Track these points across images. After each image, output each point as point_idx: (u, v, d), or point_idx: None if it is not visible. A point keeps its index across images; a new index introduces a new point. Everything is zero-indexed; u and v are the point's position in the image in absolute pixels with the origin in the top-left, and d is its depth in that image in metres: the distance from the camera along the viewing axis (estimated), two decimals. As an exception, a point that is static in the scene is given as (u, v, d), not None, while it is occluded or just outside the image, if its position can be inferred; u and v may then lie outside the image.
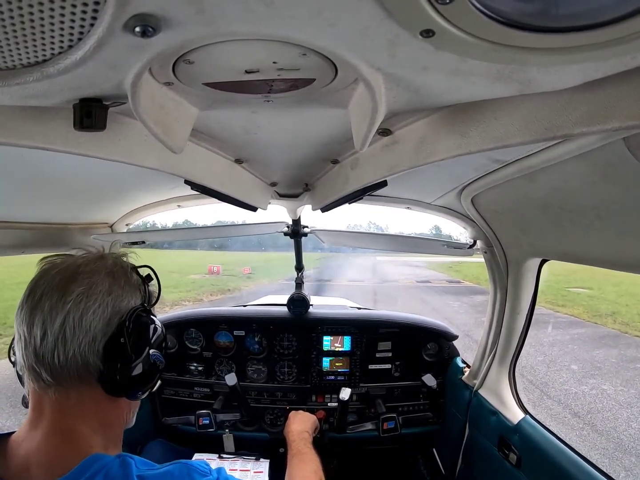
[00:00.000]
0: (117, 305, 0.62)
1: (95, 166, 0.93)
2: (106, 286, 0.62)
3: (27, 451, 0.57)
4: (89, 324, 0.58)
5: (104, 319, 0.60)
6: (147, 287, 0.70)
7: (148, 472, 0.58)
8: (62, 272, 0.61)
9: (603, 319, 10.14)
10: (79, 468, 0.55)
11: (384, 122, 0.68)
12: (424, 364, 1.94)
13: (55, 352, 0.57)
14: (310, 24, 0.39)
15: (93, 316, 0.59)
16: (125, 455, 0.60)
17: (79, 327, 0.58)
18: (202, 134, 0.86)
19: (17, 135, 0.63)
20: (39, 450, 0.57)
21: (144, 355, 0.64)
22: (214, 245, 41.08)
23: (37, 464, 0.56)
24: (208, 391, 1.93)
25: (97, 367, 0.59)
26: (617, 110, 0.47)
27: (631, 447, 4.17)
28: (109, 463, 0.57)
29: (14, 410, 4.45)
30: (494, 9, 0.35)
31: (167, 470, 0.60)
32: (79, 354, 0.58)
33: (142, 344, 0.64)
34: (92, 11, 0.36)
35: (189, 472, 0.61)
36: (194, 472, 0.61)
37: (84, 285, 0.60)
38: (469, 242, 1.53)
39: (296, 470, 1.08)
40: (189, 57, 0.49)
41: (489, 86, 0.53)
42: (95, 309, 0.59)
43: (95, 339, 0.59)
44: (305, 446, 1.21)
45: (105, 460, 0.57)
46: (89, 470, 0.55)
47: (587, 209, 0.84)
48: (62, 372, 0.57)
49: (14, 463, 0.56)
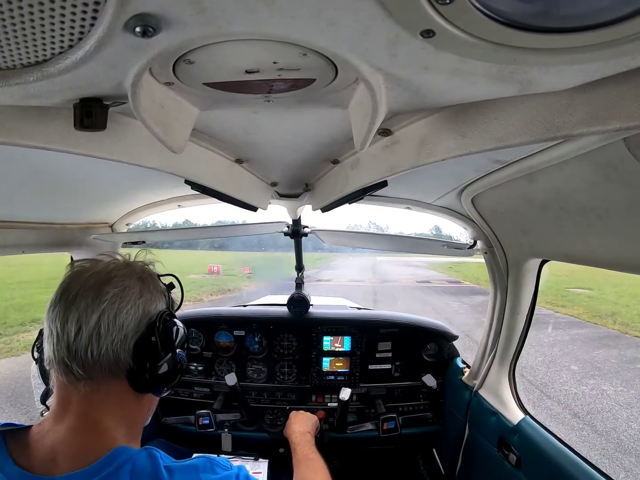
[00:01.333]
0: (147, 308, 0.67)
1: (95, 166, 0.93)
2: (137, 290, 0.66)
3: (52, 442, 0.59)
4: (122, 322, 0.63)
5: (136, 319, 0.64)
6: (170, 293, 0.76)
7: (174, 464, 0.62)
8: (96, 275, 0.65)
9: (603, 319, 10.14)
10: (105, 459, 0.58)
11: (384, 122, 0.68)
12: (424, 364, 1.94)
13: (90, 347, 0.60)
14: (310, 24, 0.39)
15: (126, 316, 0.63)
16: (150, 448, 0.63)
17: (113, 325, 0.62)
18: (202, 134, 0.86)
19: (17, 135, 0.63)
20: (65, 442, 0.59)
21: (171, 354, 0.68)
22: (214, 245, 41.14)
23: (63, 455, 0.58)
24: (208, 391, 1.93)
25: (127, 364, 0.63)
26: (618, 110, 0.47)
27: (631, 447, 4.17)
28: (135, 455, 0.60)
29: (14, 410, 4.46)
30: (494, 9, 0.35)
31: (192, 463, 0.64)
32: (112, 350, 0.62)
33: (169, 344, 0.68)
34: (93, 11, 0.36)
35: (212, 466, 0.65)
36: (217, 466, 0.66)
37: (118, 287, 0.64)
38: (469, 242, 1.53)
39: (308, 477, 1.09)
40: (189, 57, 0.49)
41: (490, 86, 0.53)
42: (128, 309, 0.64)
43: (127, 337, 0.63)
44: (312, 451, 1.21)
45: (131, 452, 0.60)
46: (115, 461, 0.58)
47: (588, 210, 0.84)
48: (94, 366, 0.61)
49: (39, 454, 0.59)
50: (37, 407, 1.48)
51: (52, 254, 1.48)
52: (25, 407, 4.45)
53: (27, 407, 4.42)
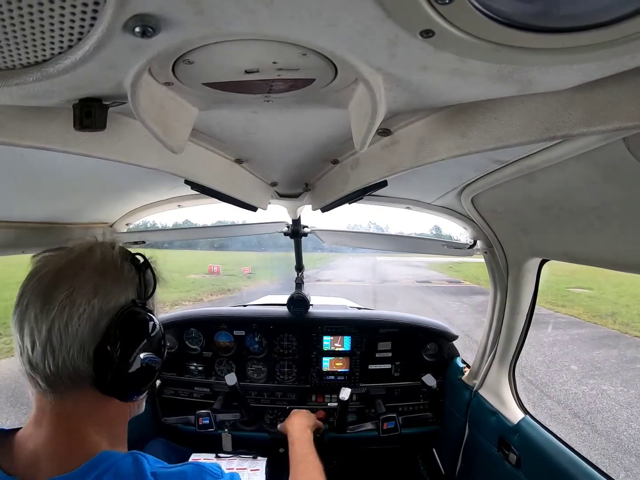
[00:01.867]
0: (105, 307, 0.59)
1: (95, 166, 0.93)
2: (91, 288, 0.59)
3: (35, 447, 0.57)
4: (74, 331, 0.56)
5: (91, 324, 0.57)
6: (143, 277, 0.66)
7: (162, 470, 0.59)
8: (45, 276, 0.59)
9: (603, 319, 10.14)
10: (88, 465, 0.55)
11: (383, 122, 0.68)
12: (424, 364, 1.94)
13: (45, 361, 0.56)
14: (310, 24, 0.39)
15: (79, 322, 0.56)
16: (136, 453, 0.60)
17: (65, 335, 0.56)
18: (202, 134, 0.86)
19: (17, 135, 0.63)
20: (46, 446, 0.57)
21: (135, 358, 0.61)
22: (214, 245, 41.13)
23: (46, 459, 0.56)
24: (208, 391, 1.93)
25: (89, 373, 0.58)
26: (617, 110, 0.47)
27: (631, 447, 4.17)
28: (119, 460, 0.57)
29: (14, 410, 4.46)
30: (494, 9, 0.35)
31: (181, 470, 0.60)
32: (69, 362, 0.56)
33: (132, 346, 0.61)
34: (92, 11, 0.36)
35: (201, 474, 0.61)
36: (207, 474, 0.62)
37: (66, 290, 0.57)
38: (469, 242, 1.53)
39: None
40: (188, 57, 0.49)
41: (489, 86, 0.53)
42: (80, 314, 0.57)
43: (83, 345, 0.57)
44: (310, 450, 1.19)
45: (115, 458, 0.57)
46: (100, 466, 0.55)
47: (588, 209, 0.84)
48: (55, 379, 0.57)
49: (22, 458, 0.57)
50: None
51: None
52: (25, 407, 4.44)
53: (27, 408, 4.41)
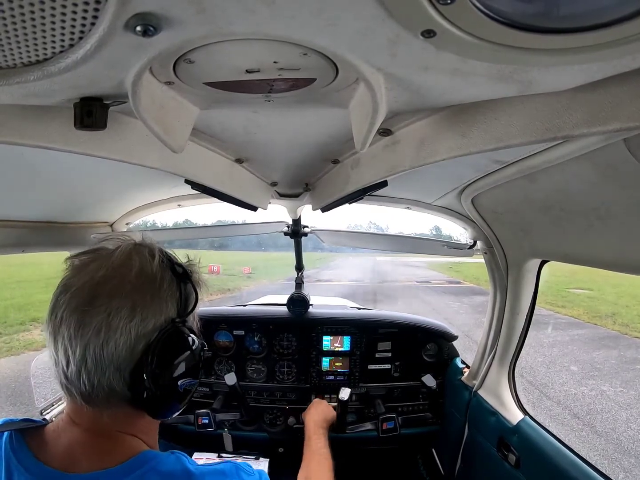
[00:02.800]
0: (142, 331, 0.57)
1: (95, 165, 0.93)
2: (127, 310, 0.56)
3: (70, 443, 0.58)
4: (110, 354, 0.55)
5: (128, 348, 0.55)
6: (184, 289, 0.64)
7: (202, 467, 0.61)
8: (78, 293, 0.56)
9: (603, 320, 10.14)
10: (131, 462, 0.56)
11: (384, 122, 0.68)
12: (424, 365, 1.94)
13: (81, 379, 0.55)
14: (311, 23, 0.39)
15: (115, 346, 0.55)
16: (177, 452, 0.62)
17: (101, 358, 0.54)
18: (202, 134, 0.86)
19: (17, 134, 0.63)
20: (84, 443, 0.58)
21: (173, 382, 0.60)
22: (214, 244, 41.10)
23: (84, 456, 0.56)
24: (207, 391, 1.93)
25: (126, 394, 0.57)
26: (618, 111, 0.47)
27: (630, 448, 4.17)
28: (163, 459, 0.59)
29: (14, 409, 4.46)
30: (495, 9, 0.35)
31: (219, 468, 0.63)
32: (105, 383, 0.55)
33: (170, 369, 0.60)
34: (93, 10, 0.36)
35: (238, 472, 0.64)
36: (242, 471, 0.65)
37: (102, 313, 0.54)
38: (469, 242, 1.53)
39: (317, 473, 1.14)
40: (189, 56, 0.49)
41: (490, 87, 0.53)
42: (117, 338, 0.55)
43: (119, 368, 0.56)
44: (324, 446, 1.25)
45: (159, 457, 0.59)
46: (145, 464, 0.57)
47: (588, 210, 0.84)
48: (91, 397, 0.56)
49: (56, 452, 0.57)
50: (36, 407, 1.48)
51: (51, 253, 1.48)
52: (25, 406, 4.44)
53: (27, 407, 4.41)
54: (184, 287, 0.64)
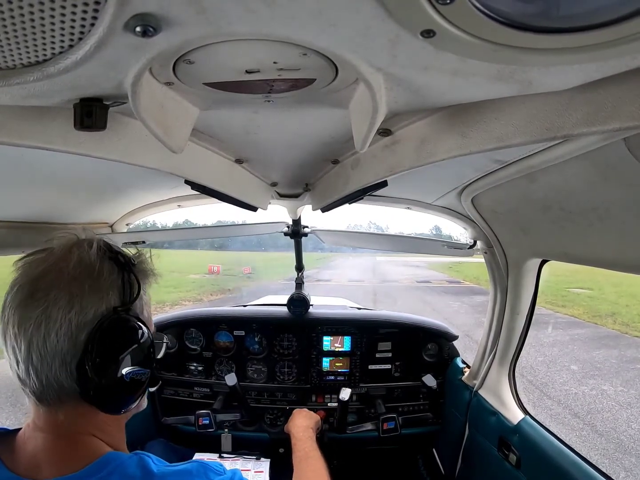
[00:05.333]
0: (82, 320, 0.55)
1: (95, 166, 0.93)
2: (65, 301, 0.55)
3: (34, 449, 0.57)
4: (53, 347, 0.54)
5: (70, 338, 0.54)
6: (127, 277, 0.62)
7: (167, 468, 0.59)
8: (20, 289, 0.56)
9: (603, 319, 10.14)
10: (93, 466, 0.55)
11: (384, 122, 0.68)
12: (424, 364, 1.94)
13: (30, 378, 0.55)
14: (311, 24, 0.39)
15: (57, 338, 0.54)
16: (141, 453, 0.60)
17: (45, 352, 0.54)
18: (202, 134, 0.86)
19: (17, 135, 0.62)
20: (46, 449, 0.57)
21: (118, 373, 0.57)
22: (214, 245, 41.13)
23: (47, 462, 0.56)
24: (208, 391, 1.93)
25: (74, 388, 0.56)
26: (618, 110, 0.47)
27: (631, 447, 4.17)
28: (125, 461, 0.57)
29: (14, 410, 4.46)
30: (494, 9, 0.35)
31: (185, 468, 0.61)
32: (53, 379, 0.54)
33: (113, 359, 0.57)
34: (93, 11, 0.36)
35: (205, 471, 0.62)
36: (210, 471, 0.63)
37: (41, 306, 0.54)
38: (469, 242, 1.53)
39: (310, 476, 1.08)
40: (189, 57, 0.49)
41: (490, 86, 0.53)
42: (57, 329, 0.54)
43: (64, 361, 0.54)
44: (313, 448, 1.20)
45: (121, 459, 0.57)
46: (106, 467, 0.55)
47: (588, 210, 0.84)
48: (42, 395, 0.56)
49: (23, 459, 0.57)
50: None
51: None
52: (25, 406, 4.42)
53: (26, 407, 4.41)
54: (127, 276, 0.62)
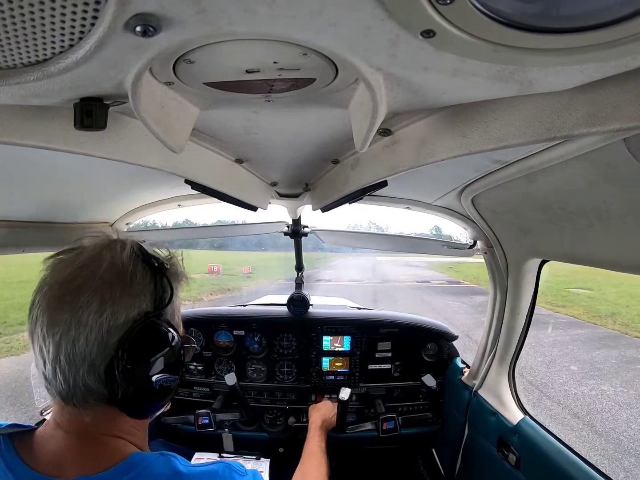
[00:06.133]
0: (113, 324, 0.55)
1: (95, 165, 0.93)
2: (96, 306, 0.54)
3: (57, 448, 0.57)
4: (82, 351, 0.54)
5: (100, 343, 0.54)
6: (159, 281, 0.61)
7: (194, 468, 0.60)
8: (50, 290, 0.56)
9: (603, 319, 10.14)
10: (120, 467, 0.55)
11: (384, 122, 0.68)
12: (424, 364, 1.94)
13: (57, 379, 0.55)
14: (311, 23, 0.39)
15: (86, 343, 0.54)
16: (166, 453, 0.61)
17: (74, 355, 0.54)
18: (202, 134, 0.87)
19: (17, 135, 0.62)
20: (70, 448, 0.57)
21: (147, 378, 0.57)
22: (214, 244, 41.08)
23: (71, 461, 0.56)
24: (208, 391, 1.93)
25: (102, 393, 0.55)
26: (618, 111, 0.47)
27: (631, 448, 4.17)
28: (153, 462, 0.58)
29: (14, 409, 4.46)
30: (494, 9, 0.35)
31: (212, 469, 0.62)
32: (80, 381, 0.54)
33: (144, 366, 0.57)
34: (93, 10, 0.36)
35: (230, 472, 0.63)
36: (234, 472, 0.64)
37: (70, 310, 0.54)
38: (469, 242, 1.53)
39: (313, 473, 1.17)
40: (189, 56, 0.49)
41: (490, 86, 0.53)
42: (87, 334, 0.54)
43: (93, 365, 0.54)
44: (319, 447, 1.30)
45: (149, 460, 0.58)
46: (134, 468, 0.56)
47: (588, 210, 0.84)
48: (69, 397, 0.56)
49: (44, 457, 0.57)
50: (36, 407, 1.48)
51: (51, 253, 1.48)
52: (25, 406, 4.44)
53: (26, 407, 4.41)
54: (159, 280, 0.61)
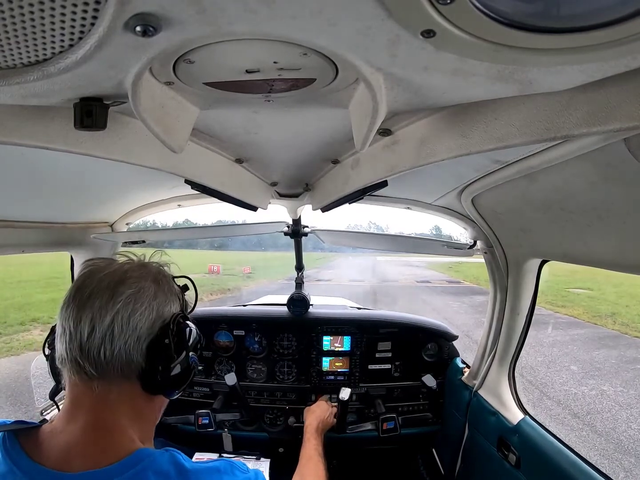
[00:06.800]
0: (161, 310, 0.66)
1: (95, 165, 0.93)
2: (152, 292, 0.66)
3: (66, 443, 0.59)
4: (135, 324, 0.62)
5: (149, 321, 0.64)
6: (184, 295, 0.76)
7: (197, 465, 0.63)
8: (110, 274, 0.65)
9: (603, 319, 10.14)
10: (129, 460, 0.58)
11: (384, 122, 0.68)
12: (424, 364, 1.94)
13: (102, 347, 0.60)
14: (311, 23, 0.39)
15: (140, 317, 0.63)
16: (171, 449, 0.64)
17: (127, 326, 0.62)
18: (202, 134, 0.87)
19: (17, 135, 0.63)
20: (79, 442, 0.59)
21: (183, 357, 0.68)
22: (214, 244, 41.13)
23: (77, 454, 0.58)
24: (208, 391, 1.93)
25: (140, 365, 0.63)
26: (618, 111, 0.47)
27: (631, 448, 4.17)
28: (158, 457, 0.60)
29: (14, 409, 4.46)
30: (494, 9, 0.35)
31: (215, 466, 0.66)
32: (124, 351, 0.62)
33: (181, 347, 0.68)
34: (93, 10, 0.36)
35: (232, 469, 0.67)
36: (236, 469, 0.68)
37: (132, 288, 0.64)
38: (469, 242, 1.53)
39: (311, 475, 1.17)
40: (189, 56, 0.49)
41: (490, 86, 0.53)
42: (142, 311, 0.63)
43: (140, 338, 0.63)
44: (315, 450, 1.30)
45: (154, 455, 0.60)
46: (139, 463, 0.58)
47: (588, 210, 0.84)
48: (107, 367, 0.61)
49: (51, 452, 0.58)
50: (36, 406, 1.48)
51: (51, 253, 1.48)
52: (25, 406, 4.45)
53: (26, 407, 4.42)
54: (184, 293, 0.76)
